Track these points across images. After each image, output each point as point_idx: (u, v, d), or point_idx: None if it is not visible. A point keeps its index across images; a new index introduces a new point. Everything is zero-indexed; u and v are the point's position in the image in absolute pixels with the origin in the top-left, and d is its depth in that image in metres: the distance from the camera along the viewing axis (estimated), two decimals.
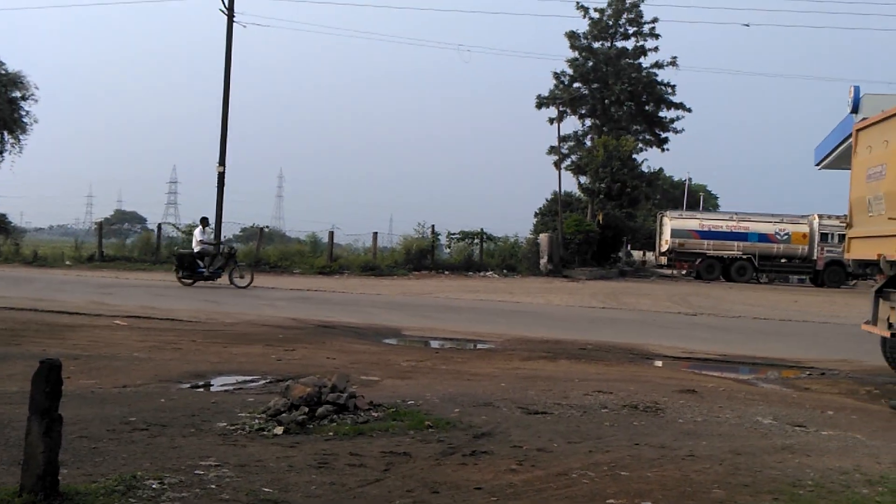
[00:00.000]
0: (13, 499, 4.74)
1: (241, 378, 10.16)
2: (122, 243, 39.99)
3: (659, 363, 14.10)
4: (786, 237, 42.26)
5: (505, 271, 37.55)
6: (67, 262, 33.18)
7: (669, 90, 49.57)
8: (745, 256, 42.06)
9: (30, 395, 4.87)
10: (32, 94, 38.07)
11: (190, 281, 24.42)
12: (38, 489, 4.75)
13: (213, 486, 5.42)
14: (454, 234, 40.09)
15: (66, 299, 18.83)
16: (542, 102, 49.28)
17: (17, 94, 37.57)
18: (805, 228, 42.39)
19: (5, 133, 37.71)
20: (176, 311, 17.40)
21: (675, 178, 77.85)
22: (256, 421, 7.35)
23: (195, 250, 24.61)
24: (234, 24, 34.82)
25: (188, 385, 9.53)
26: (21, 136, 38.09)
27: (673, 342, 16.30)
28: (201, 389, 9.43)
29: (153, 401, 8.29)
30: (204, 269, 24.40)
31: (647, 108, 50.19)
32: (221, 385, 9.78)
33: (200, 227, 25.93)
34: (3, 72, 37.17)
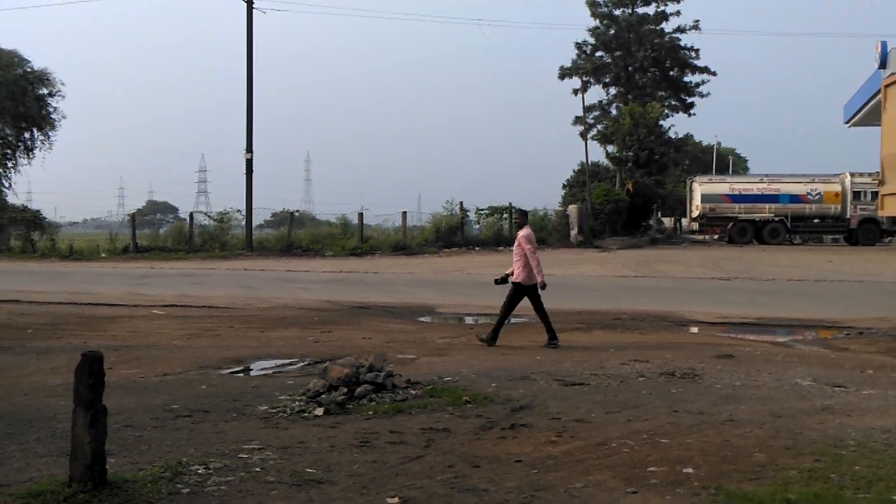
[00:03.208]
0: (62, 489, 4.86)
1: (279, 362, 10.28)
2: (155, 234, 40.38)
3: (694, 329, 14.05)
4: (818, 197, 41.76)
5: None
6: (103, 255, 33.57)
7: (693, 54, 49.04)
8: (777, 218, 41.63)
9: (73, 387, 4.97)
10: (59, 91, 38.47)
11: None
12: (86, 479, 4.86)
13: (258, 469, 5.51)
14: (483, 209, 40.05)
15: (104, 291, 19.07)
16: (564, 73, 48.95)
17: (44, 90, 37.95)
18: (837, 187, 41.84)
19: (34, 130, 38.10)
20: (212, 299, 17.58)
21: (704, 143, 77.02)
22: (297, 403, 7.45)
23: None
24: (254, 10, 34.92)
25: (228, 371, 9.65)
26: (50, 133, 38.54)
27: (708, 308, 16.21)
28: (241, 374, 9.56)
29: (194, 388, 8.42)
30: None
31: (671, 73, 49.72)
32: (260, 369, 9.90)
33: None
34: (28, 69, 37.51)
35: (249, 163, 34.88)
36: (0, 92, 35.50)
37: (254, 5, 34.84)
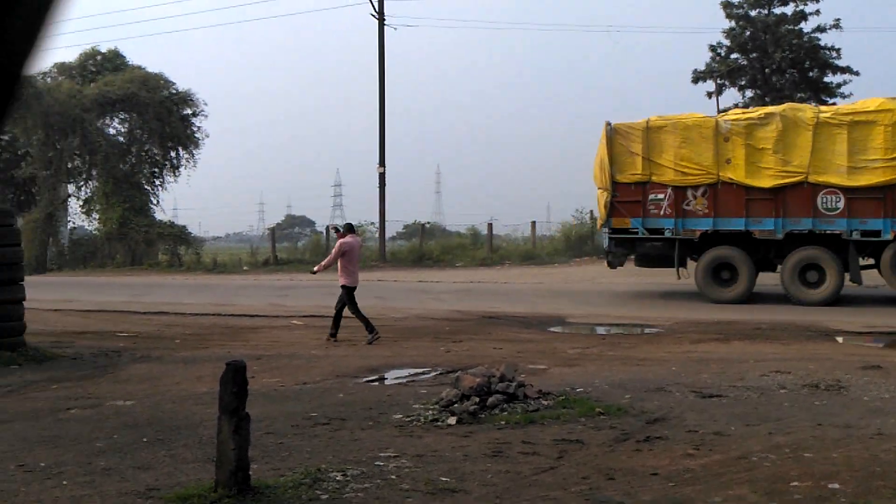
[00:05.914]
0: (209, 493, 5.08)
1: (412, 371, 10.43)
2: (293, 246, 41.50)
3: (840, 339, 13.47)
4: None
5: None
6: (245, 268, 34.78)
7: (834, 54, 47.05)
8: None
9: (219, 395, 5.20)
10: (202, 111, 40.18)
11: None
12: (231, 484, 5.07)
13: (394, 477, 5.61)
14: None
15: (246, 303, 19.77)
16: (698, 77, 47.77)
17: (188, 111, 39.73)
18: None
19: (180, 149, 39.92)
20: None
21: None
22: (430, 412, 7.54)
23: None
24: (385, 26, 35.63)
25: (364, 379, 9.86)
26: (194, 151, 40.24)
27: (854, 317, 15.51)
28: (376, 383, 9.75)
29: (332, 396, 8.64)
30: None
31: (810, 74, 47.80)
32: (395, 378, 10.07)
33: None
34: (174, 91, 39.40)
35: (382, 176, 35.55)
36: (147, 113, 37.42)
37: (385, 23, 35.56)
